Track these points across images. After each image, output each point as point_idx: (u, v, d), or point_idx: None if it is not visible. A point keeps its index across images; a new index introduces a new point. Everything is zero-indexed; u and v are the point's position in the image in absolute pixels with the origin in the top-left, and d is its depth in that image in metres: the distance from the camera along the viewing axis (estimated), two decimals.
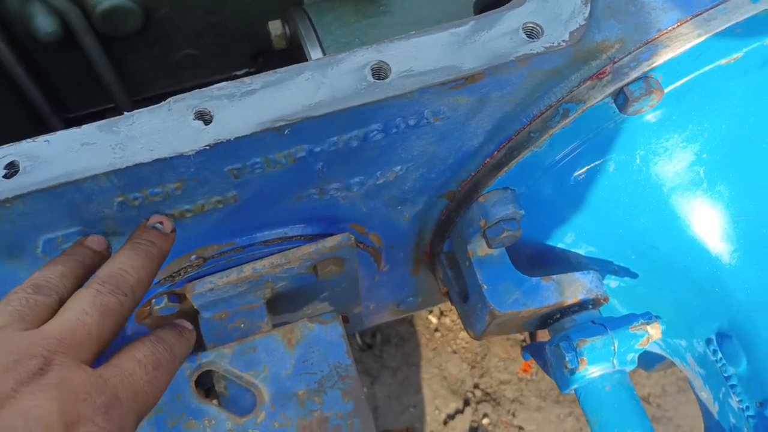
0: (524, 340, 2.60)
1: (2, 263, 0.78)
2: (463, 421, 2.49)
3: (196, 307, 0.94)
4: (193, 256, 0.90)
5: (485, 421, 2.49)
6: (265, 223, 0.91)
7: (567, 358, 0.95)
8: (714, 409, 1.08)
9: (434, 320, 2.66)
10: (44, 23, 1.13)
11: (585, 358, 0.96)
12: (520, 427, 2.48)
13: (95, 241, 0.75)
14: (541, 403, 2.52)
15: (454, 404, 2.53)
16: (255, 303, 0.97)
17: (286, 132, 0.73)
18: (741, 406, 1.00)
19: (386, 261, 1.15)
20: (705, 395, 1.10)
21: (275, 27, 1.21)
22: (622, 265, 1.07)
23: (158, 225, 0.76)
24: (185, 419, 0.88)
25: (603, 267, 1.08)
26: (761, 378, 0.95)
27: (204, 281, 0.91)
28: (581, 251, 1.07)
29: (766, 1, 0.75)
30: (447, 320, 2.66)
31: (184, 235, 0.86)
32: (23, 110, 1.31)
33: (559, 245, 1.07)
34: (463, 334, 2.64)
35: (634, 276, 1.07)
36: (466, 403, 2.52)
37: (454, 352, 2.62)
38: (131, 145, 0.71)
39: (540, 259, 1.09)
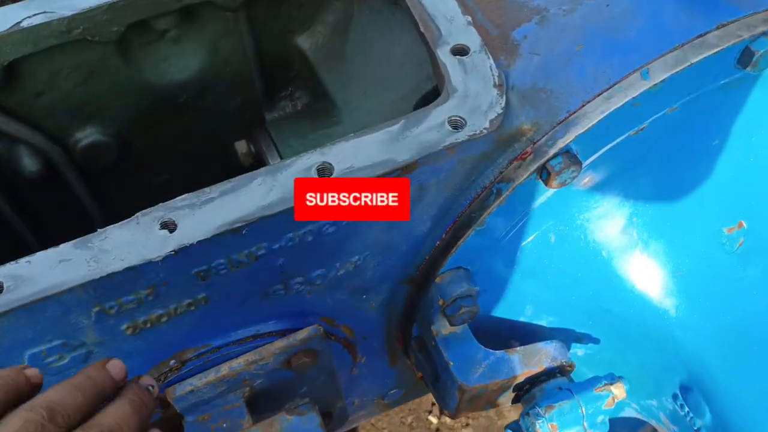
0: None
1: None
2: None
3: (178, 411, 0.98)
4: (172, 361, 0.96)
5: None
6: (238, 322, 0.97)
7: (538, 425, 0.99)
8: None
9: (434, 420, 2.64)
10: (29, 164, 1.24)
11: (555, 424, 1.00)
12: None
13: (116, 368, 0.77)
14: None
15: None
16: (235, 402, 1.01)
17: (243, 232, 0.81)
18: None
19: (362, 353, 1.20)
20: None
21: (241, 146, 1.32)
22: (583, 332, 1.12)
23: (150, 387, 0.79)
24: None
25: (565, 336, 1.14)
26: (725, 427, 0.99)
27: (184, 384, 0.95)
28: (543, 323, 1.13)
29: (656, 76, 0.86)
30: (447, 420, 2.64)
31: (161, 340, 0.92)
32: (11, 241, 1.39)
33: (521, 318, 1.13)
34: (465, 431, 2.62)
35: (597, 341, 1.13)
36: None
37: None
38: (104, 257, 0.78)
39: (505, 334, 1.14)
